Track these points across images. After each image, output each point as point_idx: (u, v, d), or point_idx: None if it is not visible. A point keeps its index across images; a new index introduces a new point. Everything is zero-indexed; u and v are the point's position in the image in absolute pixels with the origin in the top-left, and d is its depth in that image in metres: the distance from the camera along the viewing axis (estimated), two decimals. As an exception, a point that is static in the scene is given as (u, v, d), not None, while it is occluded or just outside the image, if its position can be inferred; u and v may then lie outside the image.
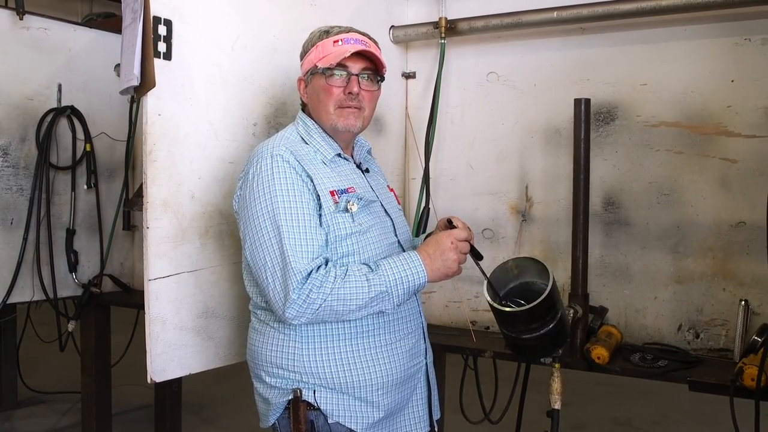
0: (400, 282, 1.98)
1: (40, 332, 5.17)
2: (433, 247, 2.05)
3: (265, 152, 2.06)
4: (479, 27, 3.18)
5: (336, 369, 2.04)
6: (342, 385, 2.04)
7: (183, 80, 2.38)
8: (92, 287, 4.04)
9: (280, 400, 2.07)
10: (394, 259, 2.02)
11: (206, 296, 2.50)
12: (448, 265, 2.04)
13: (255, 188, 2.02)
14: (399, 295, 1.99)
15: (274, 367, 2.07)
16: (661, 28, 2.86)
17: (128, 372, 4.46)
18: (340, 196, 2.06)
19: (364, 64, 2.15)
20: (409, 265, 2.01)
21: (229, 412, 5.52)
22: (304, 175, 2.03)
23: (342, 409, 2.04)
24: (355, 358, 2.05)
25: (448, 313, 3.35)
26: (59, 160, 3.99)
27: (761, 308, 2.62)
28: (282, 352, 2.06)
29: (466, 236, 2.09)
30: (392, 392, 2.11)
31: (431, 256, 2.03)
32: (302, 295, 1.90)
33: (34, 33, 3.89)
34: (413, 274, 2.00)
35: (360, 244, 2.07)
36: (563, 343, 2.33)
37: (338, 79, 2.12)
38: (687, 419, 5.52)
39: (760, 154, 2.64)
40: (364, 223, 2.09)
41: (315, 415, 2.04)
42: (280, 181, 2.00)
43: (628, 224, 2.94)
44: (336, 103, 2.13)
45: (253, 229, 2.01)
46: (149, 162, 2.29)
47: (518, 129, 3.20)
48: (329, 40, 2.14)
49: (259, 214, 1.99)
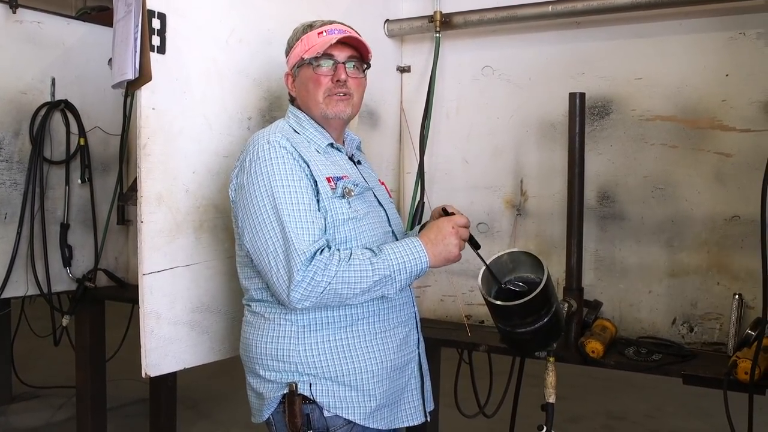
0: (403, 266, 2.00)
1: (34, 327, 5.14)
2: (434, 233, 2.07)
3: (262, 139, 2.07)
4: (474, 21, 3.18)
5: (331, 357, 2.04)
6: (337, 374, 2.04)
7: (177, 74, 2.37)
8: (86, 282, 4.04)
9: (275, 395, 2.07)
10: (396, 244, 2.04)
11: (201, 291, 2.50)
12: (449, 249, 2.06)
13: (253, 174, 2.02)
14: (402, 280, 2.01)
15: (270, 359, 2.07)
16: (656, 22, 2.86)
17: (123, 366, 4.46)
18: (336, 182, 2.07)
19: (350, 52, 2.18)
20: (411, 249, 2.02)
21: (225, 406, 5.52)
22: (301, 161, 2.04)
23: (338, 399, 2.04)
24: (350, 345, 2.06)
25: (443, 307, 3.35)
26: (53, 155, 3.98)
27: (755, 302, 2.62)
28: (277, 343, 2.06)
29: (465, 222, 2.11)
30: (386, 380, 2.12)
31: (433, 242, 2.05)
32: (307, 277, 1.90)
33: (28, 27, 3.87)
34: (416, 259, 2.01)
35: (357, 230, 2.08)
36: (558, 337, 2.33)
37: (325, 69, 2.15)
38: (681, 413, 5.54)
39: (754, 148, 2.65)
40: (360, 210, 2.10)
41: (310, 408, 2.04)
42: (278, 166, 2.01)
43: (623, 218, 2.95)
44: (325, 91, 2.15)
45: (253, 214, 2.01)
46: (143, 156, 2.29)
47: (513, 123, 3.20)
48: (313, 32, 2.17)
49: (258, 199, 2.00)
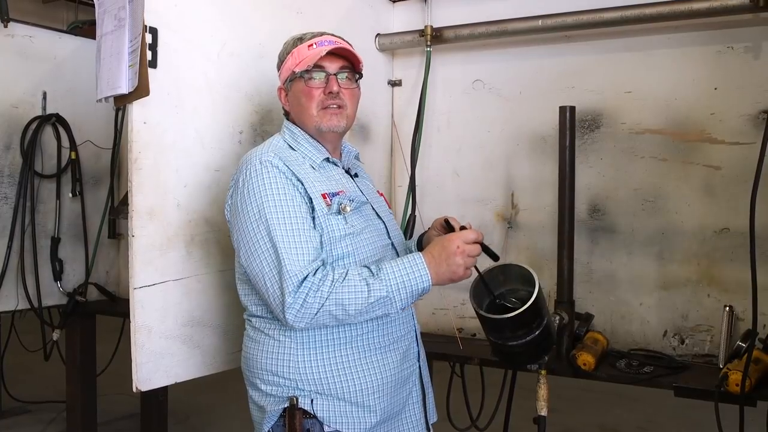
0: (402, 286, 1.93)
1: (24, 341, 5.12)
2: (438, 250, 1.99)
3: (254, 159, 2.06)
4: (465, 35, 3.19)
5: (331, 374, 2.03)
6: (338, 391, 2.03)
7: (169, 88, 2.37)
8: (77, 296, 4.02)
9: (276, 408, 2.06)
10: (397, 261, 1.98)
11: (192, 305, 2.49)
12: (453, 269, 1.97)
13: (245, 195, 2.02)
14: (402, 299, 1.95)
15: (270, 374, 2.06)
16: (645, 36, 2.88)
17: (114, 381, 4.42)
18: (332, 199, 2.05)
19: (341, 63, 2.17)
20: (413, 268, 1.95)
21: (216, 420, 5.49)
22: (294, 179, 2.03)
23: (339, 415, 2.03)
24: (350, 362, 2.04)
25: (434, 321, 3.35)
26: (44, 168, 3.97)
27: (745, 314, 2.63)
28: (277, 359, 2.05)
29: (476, 238, 2.01)
30: (388, 396, 2.10)
31: (436, 260, 1.97)
32: (299, 300, 1.89)
33: (19, 41, 3.87)
34: (417, 278, 1.95)
35: (354, 245, 2.05)
36: (549, 350, 2.32)
37: (317, 81, 2.14)
38: (673, 424, 5.54)
39: (743, 160, 2.66)
40: (357, 225, 2.08)
41: (311, 423, 2.02)
42: (271, 186, 1.99)
43: (614, 231, 2.96)
44: (318, 104, 2.14)
45: (247, 236, 2.00)
46: (135, 170, 2.28)
47: (504, 136, 3.21)
48: (303, 45, 2.16)
49: (251, 220, 1.99)
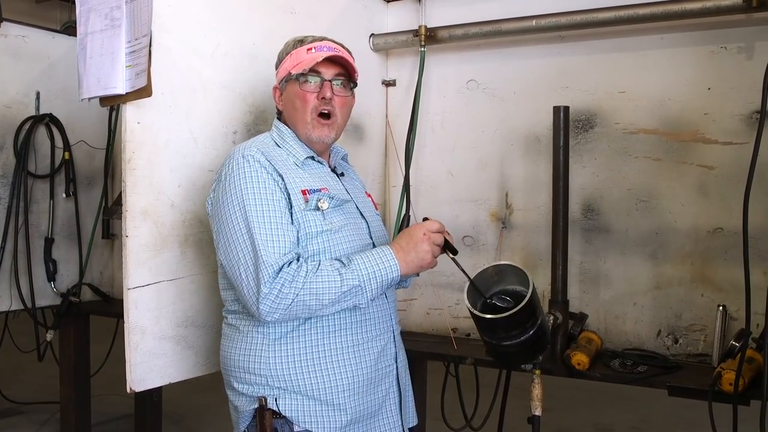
0: (373, 276, 1.99)
1: (18, 342, 5.10)
2: (405, 240, 2.07)
3: (237, 154, 2.09)
4: (459, 35, 3.19)
5: (301, 371, 2.03)
6: (306, 388, 2.03)
7: (163, 88, 2.36)
8: (71, 296, 4.01)
9: (248, 408, 2.07)
10: (366, 253, 2.03)
11: (186, 305, 2.48)
12: (421, 256, 2.05)
13: (226, 188, 2.04)
14: (373, 289, 2.00)
15: (242, 371, 2.07)
16: (638, 37, 2.88)
17: (108, 381, 4.42)
18: (311, 195, 2.08)
19: (337, 69, 2.19)
20: (381, 258, 2.02)
21: (210, 421, 5.48)
22: (275, 174, 2.05)
23: (307, 414, 2.03)
24: (321, 359, 2.05)
25: (429, 321, 3.35)
26: (37, 169, 3.97)
27: (738, 313, 2.63)
28: (248, 355, 2.06)
29: (439, 227, 2.10)
30: (359, 395, 2.10)
31: (404, 249, 2.04)
32: (274, 290, 1.91)
33: (12, 41, 3.87)
34: (386, 268, 2.01)
35: (331, 242, 2.07)
36: (544, 350, 2.32)
37: (312, 85, 2.16)
38: (667, 424, 5.55)
39: (736, 160, 2.66)
40: (336, 222, 2.10)
41: (280, 423, 2.03)
42: (252, 180, 2.02)
43: (608, 231, 2.96)
44: (312, 111, 2.16)
45: (226, 227, 2.02)
46: (128, 170, 2.28)
47: (498, 136, 3.22)
48: (303, 48, 2.19)
49: (231, 212, 2.01)
